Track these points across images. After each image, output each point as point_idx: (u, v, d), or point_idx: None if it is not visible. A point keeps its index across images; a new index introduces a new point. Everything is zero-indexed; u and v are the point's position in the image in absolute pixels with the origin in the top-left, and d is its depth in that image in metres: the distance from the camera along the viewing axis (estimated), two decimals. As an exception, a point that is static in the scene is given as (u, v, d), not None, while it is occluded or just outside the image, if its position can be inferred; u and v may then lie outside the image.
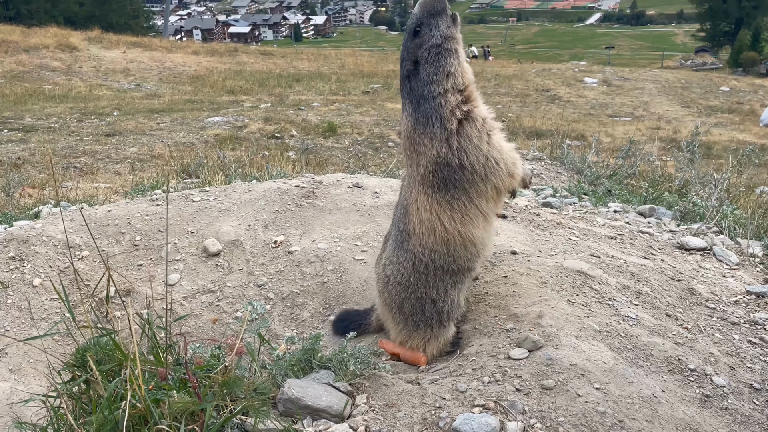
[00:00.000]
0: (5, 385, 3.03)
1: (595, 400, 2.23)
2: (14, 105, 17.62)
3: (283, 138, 14.66)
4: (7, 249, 3.65)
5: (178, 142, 13.13)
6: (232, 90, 23.48)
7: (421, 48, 2.62)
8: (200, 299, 3.49)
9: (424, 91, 2.62)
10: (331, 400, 2.34)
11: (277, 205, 4.11)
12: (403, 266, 2.78)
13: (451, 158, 2.59)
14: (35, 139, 12.97)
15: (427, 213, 2.66)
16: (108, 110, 17.17)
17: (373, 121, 17.39)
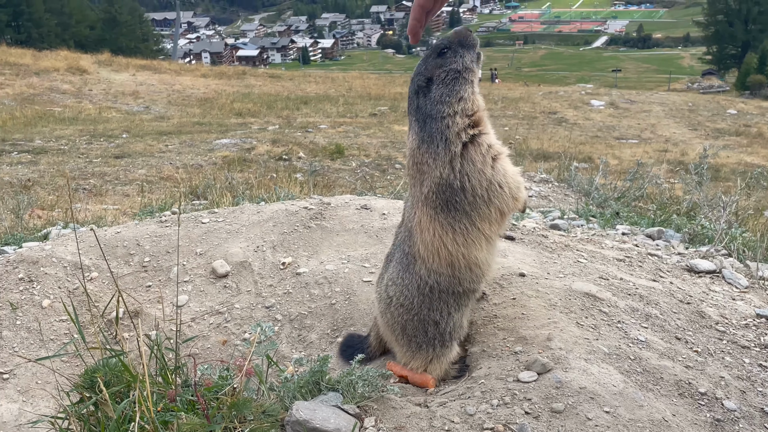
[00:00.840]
0: (13, 406, 3.03)
1: (605, 423, 2.21)
2: (24, 127, 17.79)
3: (290, 160, 14.74)
4: (16, 270, 3.67)
5: (186, 164, 13.21)
6: (240, 112, 23.67)
7: (440, 68, 2.63)
8: (208, 320, 3.49)
9: (432, 110, 2.63)
10: (340, 423, 2.33)
11: (285, 226, 4.13)
12: (408, 288, 2.78)
13: (453, 180, 2.58)
14: (45, 161, 13.08)
15: (431, 235, 2.66)
16: (117, 132, 17.32)
17: (380, 143, 17.47)
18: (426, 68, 2.68)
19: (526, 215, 5.72)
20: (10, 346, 3.27)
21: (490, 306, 3.10)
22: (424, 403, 2.57)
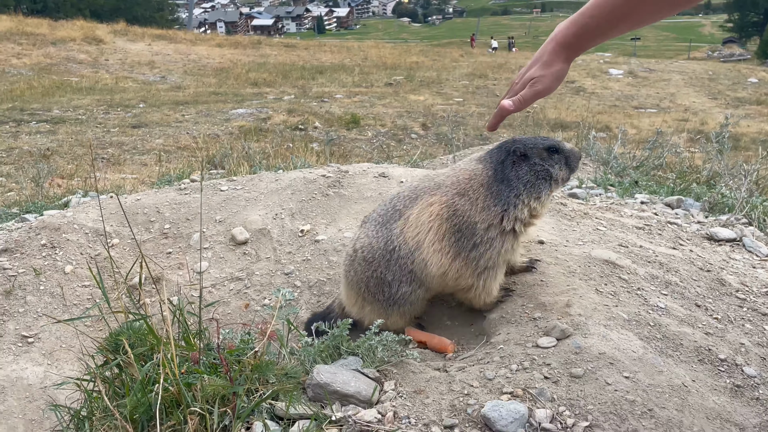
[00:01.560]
0: (39, 369, 3.09)
1: (625, 388, 2.22)
2: (42, 97, 17.87)
3: (306, 130, 14.72)
4: (39, 236, 3.71)
5: (203, 134, 13.24)
6: (256, 82, 23.60)
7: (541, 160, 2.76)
8: (228, 287, 3.52)
9: (513, 181, 2.74)
10: (360, 386, 2.35)
11: (303, 194, 4.14)
12: (377, 240, 2.84)
13: (478, 238, 2.72)
14: (63, 131, 13.15)
15: (427, 220, 2.75)
16: (134, 102, 17.35)
17: (396, 113, 17.38)
18: (530, 146, 2.77)
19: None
20: (34, 311, 3.33)
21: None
22: (443, 368, 2.59)
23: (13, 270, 3.48)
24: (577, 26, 2.27)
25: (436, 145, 13.14)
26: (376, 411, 2.24)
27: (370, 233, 2.89)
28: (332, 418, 2.19)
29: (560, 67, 2.37)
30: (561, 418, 2.14)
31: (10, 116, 14.75)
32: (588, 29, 2.26)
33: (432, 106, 18.73)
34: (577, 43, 2.32)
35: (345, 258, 3.04)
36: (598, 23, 2.22)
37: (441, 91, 22.10)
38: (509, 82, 23.91)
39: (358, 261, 2.90)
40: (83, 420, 2.31)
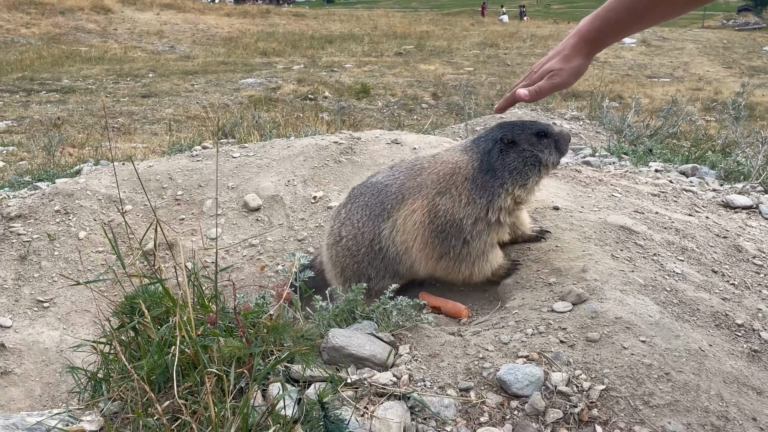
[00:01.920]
0: (55, 333, 3.12)
1: (641, 352, 2.21)
2: (52, 67, 17.83)
3: (316, 99, 14.64)
4: (52, 203, 3.72)
5: (212, 104, 13.20)
6: (265, 52, 23.45)
7: (529, 145, 2.73)
8: (242, 253, 3.53)
9: (498, 169, 2.73)
10: (375, 350, 2.35)
11: (315, 161, 4.12)
12: (363, 236, 2.87)
13: (465, 230, 2.74)
14: (73, 100, 13.14)
15: (412, 228, 2.78)
16: (143, 72, 17.29)
17: (406, 83, 17.26)
18: (518, 131, 2.75)
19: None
20: (49, 276, 3.35)
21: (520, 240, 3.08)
22: (457, 333, 2.58)
23: (27, 236, 3.49)
24: (599, 21, 2.25)
25: (447, 115, 13.06)
26: (391, 374, 2.25)
27: (355, 223, 2.91)
28: (348, 381, 2.20)
29: (581, 62, 2.35)
30: (577, 381, 2.13)
31: (20, 86, 14.75)
32: (610, 24, 2.23)
33: (442, 75, 18.58)
34: (600, 39, 2.30)
35: (328, 232, 3.07)
36: (618, 18, 2.20)
37: (452, 61, 21.90)
38: (518, 51, 23.65)
39: (342, 247, 2.93)
40: (100, 382, 2.32)
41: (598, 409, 2.03)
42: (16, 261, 3.36)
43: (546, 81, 2.39)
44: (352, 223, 2.92)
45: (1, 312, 3.10)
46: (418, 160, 2.99)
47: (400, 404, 2.10)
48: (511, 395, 2.12)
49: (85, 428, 2.12)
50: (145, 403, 2.04)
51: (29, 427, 2.15)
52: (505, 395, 2.12)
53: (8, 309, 3.13)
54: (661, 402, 2.04)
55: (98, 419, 2.15)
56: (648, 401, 2.04)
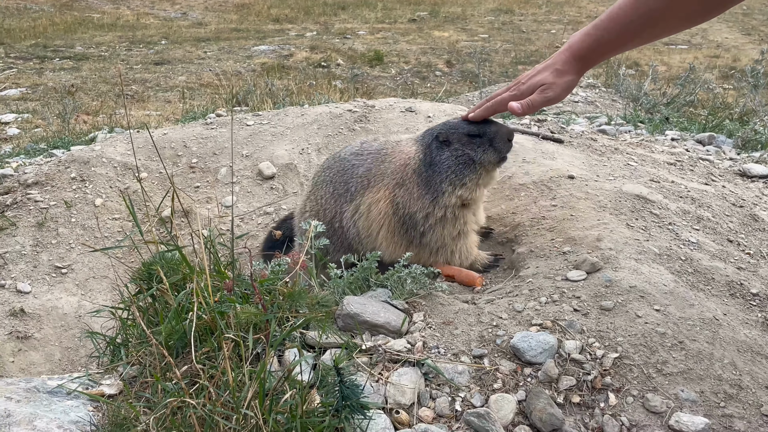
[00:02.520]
0: (73, 299, 3.16)
1: (655, 321, 2.22)
2: (64, 33, 17.79)
3: (329, 67, 14.54)
4: (69, 170, 3.74)
5: (225, 71, 13.14)
6: (278, 18, 23.24)
7: (461, 144, 2.72)
8: (256, 221, 3.55)
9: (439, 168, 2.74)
10: (389, 317, 2.37)
11: (329, 129, 4.11)
12: (324, 212, 2.92)
13: (420, 225, 2.77)
14: (86, 68, 13.13)
15: (377, 217, 2.81)
16: (156, 39, 17.23)
17: (420, 50, 17.09)
18: (453, 131, 2.73)
19: (573, 121, 5.60)
20: (66, 242, 3.38)
21: (537, 208, 3.08)
22: (471, 301, 2.60)
23: (44, 202, 3.52)
24: (591, 39, 2.25)
25: (461, 83, 12.95)
26: (405, 341, 2.27)
27: (319, 199, 2.96)
28: (362, 347, 2.22)
29: (572, 78, 2.35)
30: (590, 349, 2.14)
31: (34, 53, 14.75)
32: (602, 43, 2.24)
33: (457, 42, 18.37)
34: (591, 56, 2.30)
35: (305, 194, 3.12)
36: (610, 38, 2.21)
37: (466, 28, 21.63)
38: (534, 18, 23.29)
39: (306, 216, 2.98)
40: (119, 347, 2.36)
41: (611, 377, 2.05)
42: (33, 228, 3.39)
43: (539, 95, 2.37)
44: (316, 199, 2.98)
45: (20, 278, 3.14)
46: (386, 144, 2.99)
47: (414, 370, 2.12)
48: (524, 362, 2.14)
49: (105, 391, 2.16)
50: (163, 368, 2.07)
51: (50, 390, 2.19)
52: (518, 362, 2.14)
53: (27, 275, 3.17)
54: (674, 370, 2.05)
55: (117, 383, 2.19)
56: (661, 369, 2.05)
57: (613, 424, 1.94)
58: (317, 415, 1.84)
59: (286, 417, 1.81)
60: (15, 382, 2.22)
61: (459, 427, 1.95)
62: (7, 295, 3.04)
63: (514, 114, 2.45)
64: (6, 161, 5.14)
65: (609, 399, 2.00)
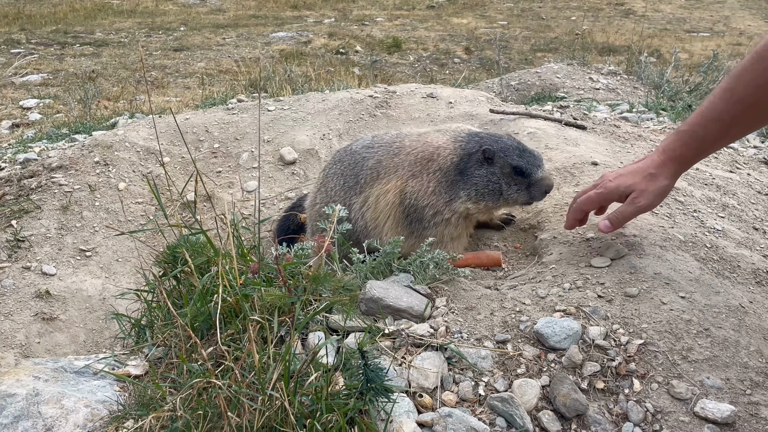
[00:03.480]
0: (97, 282, 3.19)
1: (680, 308, 2.20)
2: (84, 20, 17.88)
3: (347, 54, 14.51)
4: (92, 154, 3.77)
5: (244, 57, 13.16)
6: (296, 5, 23.20)
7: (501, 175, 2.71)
8: (278, 205, 3.56)
9: (468, 176, 2.73)
10: (412, 302, 2.37)
11: (350, 114, 4.11)
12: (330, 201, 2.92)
13: (425, 216, 2.78)
14: (107, 54, 13.20)
15: (384, 208, 2.83)
16: (175, 25, 17.27)
17: (438, 37, 17.00)
18: (501, 155, 2.70)
19: (594, 108, 5.56)
20: (90, 226, 3.41)
21: (560, 194, 3.06)
22: (493, 286, 2.59)
23: (68, 186, 3.56)
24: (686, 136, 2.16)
25: (480, 70, 12.87)
26: (428, 325, 2.27)
27: (329, 191, 2.98)
28: (385, 331, 2.23)
29: (667, 183, 2.23)
30: (615, 335, 2.14)
31: (55, 39, 14.84)
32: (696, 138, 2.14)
33: (475, 29, 18.25)
34: (689, 156, 2.19)
35: (315, 186, 3.14)
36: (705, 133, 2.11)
37: (485, 14, 21.48)
38: (554, 5, 23.07)
39: (315, 211, 3.01)
40: (144, 328, 2.39)
41: (635, 363, 2.04)
42: (58, 211, 3.43)
43: (629, 206, 2.28)
44: (326, 191, 2.99)
45: (45, 260, 3.18)
46: (399, 136, 2.98)
47: (438, 355, 2.12)
48: (548, 348, 2.13)
49: (131, 372, 2.19)
50: (188, 349, 2.09)
51: (77, 370, 2.22)
52: (542, 348, 2.14)
53: (52, 257, 3.20)
54: (699, 357, 2.04)
55: (143, 364, 2.21)
56: (687, 356, 2.04)
57: (638, 410, 1.93)
58: (341, 398, 1.85)
59: (311, 399, 1.83)
60: (43, 362, 2.25)
61: (482, 411, 1.96)
62: (33, 277, 3.07)
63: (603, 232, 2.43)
64: (29, 146, 5.19)
65: (633, 385, 2.00)
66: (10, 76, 11.06)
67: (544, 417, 1.95)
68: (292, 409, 1.77)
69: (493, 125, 3.82)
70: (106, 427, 1.91)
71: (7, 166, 4.09)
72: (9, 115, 8.73)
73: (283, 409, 1.79)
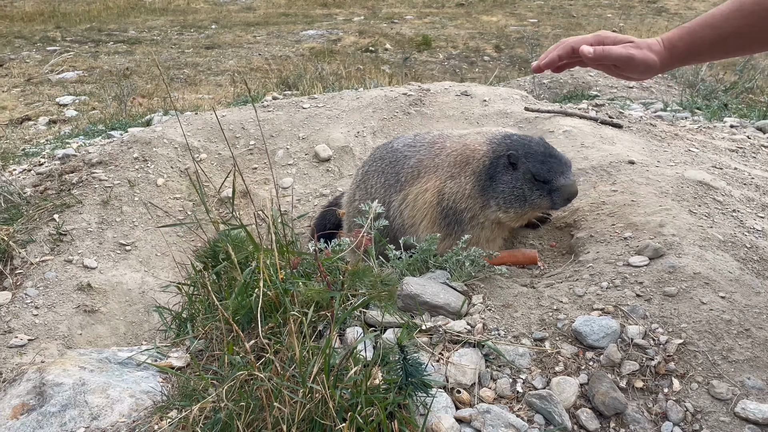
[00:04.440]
0: (137, 275, 3.25)
1: (720, 308, 2.19)
2: (118, 18, 18.13)
3: (377, 52, 14.53)
4: (131, 150, 3.84)
5: (274, 55, 13.25)
6: (326, 3, 23.28)
7: (525, 182, 2.70)
8: (313, 202, 3.59)
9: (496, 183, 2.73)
10: (449, 298, 2.39)
11: (384, 112, 4.13)
12: (369, 198, 2.94)
13: (463, 219, 2.79)
14: (140, 51, 13.37)
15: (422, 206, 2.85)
16: (206, 23, 17.44)
17: (468, 35, 16.95)
18: (525, 161, 2.69)
19: (628, 107, 5.51)
20: (130, 221, 3.47)
21: (596, 193, 3.05)
22: (530, 285, 2.60)
23: (108, 181, 3.62)
24: (684, 32, 2.11)
25: (510, 68, 12.82)
26: (465, 322, 2.28)
27: (369, 188, 3.00)
28: (422, 327, 2.24)
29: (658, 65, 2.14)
30: (654, 335, 2.13)
31: (89, 36, 15.07)
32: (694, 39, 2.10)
33: (505, 27, 18.17)
34: (680, 47, 2.13)
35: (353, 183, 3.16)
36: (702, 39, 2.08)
37: (515, 12, 21.36)
38: (587, 1, 22.84)
39: (354, 208, 3.03)
40: (185, 321, 2.43)
41: (675, 363, 2.03)
42: (99, 206, 3.49)
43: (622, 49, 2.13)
44: (366, 188, 3.01)
45: (86, 254, 3.24)
46: (441, 137, 2.98)
47: (475, 351, 2.14)
48: (586, 346, 2.14)
49: (173, 364, 2.23)
50: (229, 342, 2.13)
51: (121, 361, 2.27)
52: (580, 346, 2.14)
53: (93, 251, 3.27)
54: (740, 357, 2.02)
55: (185, 356, 2.26)
56: (727, 356, 2.03)
57: (677, 409, 1.93)
58: (381, 392, 1.87)
59: (350, 392, 1.85)
60: (87, 353, 2.31)
61: (520, 408, 1.97)
62: (74, 270, 3.14)
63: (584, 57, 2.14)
64: (66, 142, 5.30)
65: (673, 385, 1.99)
66: (47, 73, 11.26)
67: (583, 415, 1.95)
68: (333, 402, 1.79)
69: (528, 123, 3.81)
70: (150, 417, 1.95)
71: (46, 161, 4.18)
72: (46, 112, 8.90)
73: (323, 402, 1.81)
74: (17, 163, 4.33)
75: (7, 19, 17.56)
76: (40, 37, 14.93)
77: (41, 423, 1.97)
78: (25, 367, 2.27)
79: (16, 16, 17.97)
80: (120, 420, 1.97)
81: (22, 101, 9.66)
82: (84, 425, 1.95)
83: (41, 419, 1.98)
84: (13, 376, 2.24)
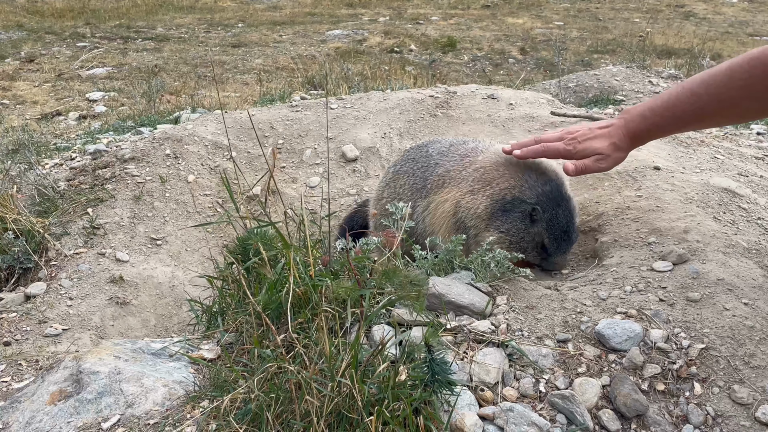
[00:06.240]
0: (167, 269, 3.33)
1: (743, 314, 2.21)
2: (146, 15, 18.35)
3: (402, 53, 14.58)
4: (162, 147, 3.92)
5: (300, 55, 13.34)
6: (351, 3, 23.37)
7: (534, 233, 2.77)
8: (339, 201, 3.65)
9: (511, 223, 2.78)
10: (474, 299, 2.43)
11: (411, 114, 4.18)
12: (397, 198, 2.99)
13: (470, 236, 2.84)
14: (168, 49, 13.53)
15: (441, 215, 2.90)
16: (233, 22, 17.59)
17: (493, 36, 16.94)
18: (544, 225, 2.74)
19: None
20: (161, 216, 3.56)
21: (621, 198, 3.08)
22: (554, 287, 2.63)
23: (140, 177, 3.71)
24: (647, 123, 2.45)
25: (536, 71, 12.81)
26: (489, 322, 2.33)
27: (398, 189, 3.05)
28: (447, 326, 2.29)
29: (624, 155, 2.56)
30: (676, 339, 2.16)
31: (118, 33, 15.29)
32: (656, 127, 2.46)
33: (531, 29, 18.13)
34: (644, 138, 2.54)
35: (382, 181, 3.20)
36: (663, 124, 2.44)
37: (540, 14, 21.31)
38: (612, 6, 22.70)
39: (381, 206, 3.06)
40: (215, 314, 2.50)
41: (696, 367, 2.06)
42: (131, 201, 3.58)
43: (594, 163, 2.55)
44: (395, 188, 3.06)
45: (119, 247, 3.33)
46: (474, 150, 3.01)
47: (499, 351, 2.18)
48: (608, 349, 2.17)
49: (204, 355, 2.30)
50: (260, 335, 2.19)
51: (154, 352, 2.35)
52: (602, 349, 2.18)
53: (125, 245, 3.35)
54: (762, 363, 2.05)
55: (215, 348, 2.32)
56: (749, 362, 2.06)
57: (698, 413, 1.96)
58: (407, 388, 1.92)
59: (378, 388, 1.90)
60: (122, 342, 2.38)
61: (543, 407, 2.01)
62: (107, 263, 3.23)
63: (567, 174, 2.61)
64: (97, 137, 5.41)
65: (694, 388, 2.02)
66: (77, 69, 11.45)
67: (604, 416, 1.99)
68: (361, 396, 1.84)
69: (554, 128, 3.84)
70: (183, 406, 2.02)
71: (78, 156, 4.27)
72: (76, 107, 9.06)
73: (351, 396, 1.87)
74: (49, 157, 4.43)
75: (38, 15, 17.85)
76: (70, 33, 15.16)
77: (78, 409, 2.04)
78: (62, 356, 2.36)
79: (46, 12, 18.26)
80: (154, 408, 2.03)
81: (52, 96, 9.84)
82: (119, 412, 2.02)
83: (78, 405, 2.05)
84: (50, 364, 2.32)
